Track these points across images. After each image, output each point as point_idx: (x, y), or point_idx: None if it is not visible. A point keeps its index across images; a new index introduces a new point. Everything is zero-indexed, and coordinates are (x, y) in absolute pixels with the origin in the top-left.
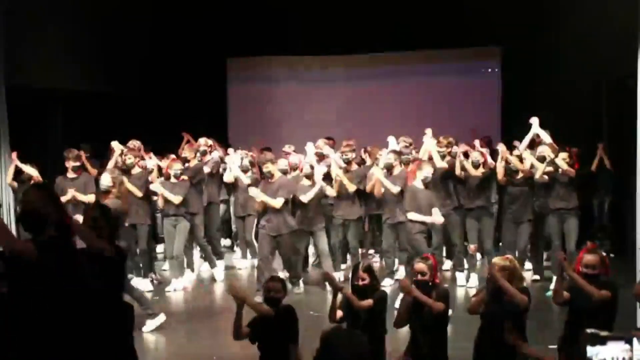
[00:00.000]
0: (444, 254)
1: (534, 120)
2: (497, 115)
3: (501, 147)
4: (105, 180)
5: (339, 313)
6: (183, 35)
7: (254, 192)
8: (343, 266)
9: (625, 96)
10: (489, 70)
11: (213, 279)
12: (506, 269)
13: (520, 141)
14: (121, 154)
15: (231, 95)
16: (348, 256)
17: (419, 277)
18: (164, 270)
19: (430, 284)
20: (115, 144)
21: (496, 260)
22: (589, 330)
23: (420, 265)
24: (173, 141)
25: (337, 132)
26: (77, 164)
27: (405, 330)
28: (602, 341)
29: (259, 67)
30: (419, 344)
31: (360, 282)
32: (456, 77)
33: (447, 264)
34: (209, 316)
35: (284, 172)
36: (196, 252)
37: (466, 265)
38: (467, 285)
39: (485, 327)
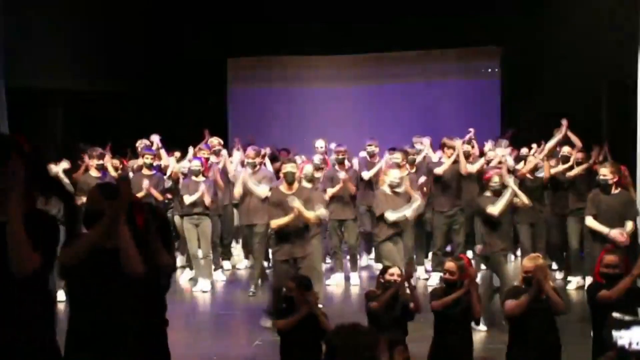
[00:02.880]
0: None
1: (564, 122)
2: (497, 115)
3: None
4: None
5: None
6: (183, 35)
7: (295, 202)
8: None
9: (625, 96)
10: (489, 70)
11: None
12: (544, 270)
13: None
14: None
15: (231, 95)
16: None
17: (447, 275)
18: None
19: (457, 284)
20: (155, 138)
21: (529, 262)
22: (614, 315)
23: (450, 264)
24: (173, 141)
25: (337, 132)
26: (101, 162)
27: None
28: (627, 325)
29: (259, 67)
30: (447, 341)
31: (395, 278)
32: (456, 77)
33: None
34: (209, 316)
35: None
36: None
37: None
38: None
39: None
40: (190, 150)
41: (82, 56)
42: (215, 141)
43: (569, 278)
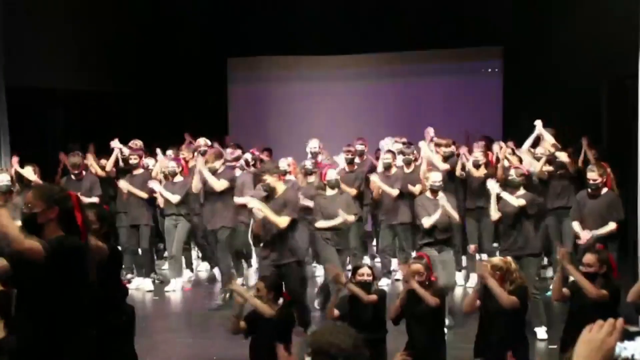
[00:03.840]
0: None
1: (538, 123)
2: (498, 115)
3: (498, 147)
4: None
5: (335, 312)
6: (184, 35)
7: (254, 203)
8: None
9: (625, 96)
10: (490, 70)
11: (212, 279)
12: (499, 269)
13: (516, 142)
14: (121, 153)
15: (232, 95)
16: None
17: (417, 277)
18: (164, 269)
19: (427, 282)
20: (115, 143)
21: (493, 260)
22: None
23: (416, 266)
24: (174, 141)
25: (337, 131)
26: (77, 162)
27: (402, 331)
28: (631, 337)
29: (259, 67)
30: (416, 339)
31: (365, 278)
32: (457, 77)
33: None
34: (208, 316)
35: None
36: (194, 252)
37: (464, 264)
38: (466, 285)
39: (484, 323)
40: (169, 152)
41: (82, 56)
42: (201, 141)
43: (552, 275)
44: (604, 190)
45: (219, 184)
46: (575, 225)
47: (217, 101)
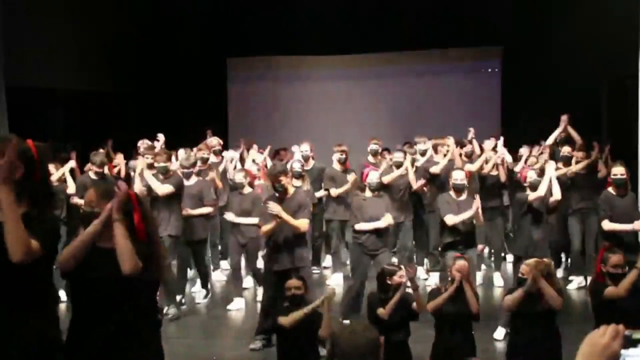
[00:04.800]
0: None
1: (564, 117)
2: (497, 114)
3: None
4: None
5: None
6: (183, 35)
7: (275, 208)
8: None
9: (625, 96)
10: (490, 70)
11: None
12: (543, 269)
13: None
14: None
15: (231, 94)
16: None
17: (462, 274)
18: None
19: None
20: (161, 138)
21: (531, 261)
22: (625, 332)
23: (461, 263)
24: (174, 141)
25: (337, 131)
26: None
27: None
28: (634, 343)
29: (259, 67)
30: (447, 341)
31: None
32: (457, 76)
33: None
34: (208, 317)
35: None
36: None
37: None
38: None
39: (520, 326)
40: (181, 151)
41: (82, 56)
42: (214, 141)
43: (570, 277)
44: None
45: (163, 189)
46: (612, 225)
47: (217, 101)
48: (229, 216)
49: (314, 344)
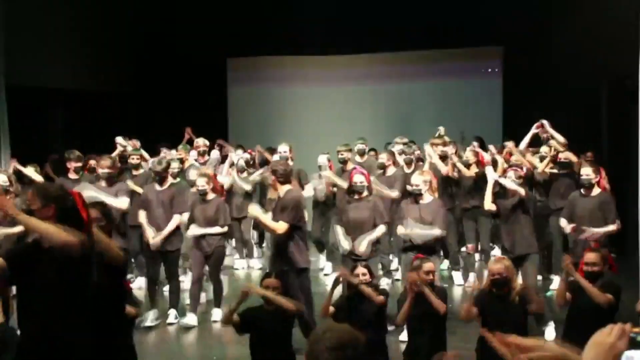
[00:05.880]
0: (441, 253)
1: (545, 122)
2: (498, 115)
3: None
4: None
5: (331, 309)
6: (183, 35)
7: (253, 211)
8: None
9: (625, 96)
10: (490, 70)
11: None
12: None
13: (516, 143)
14: (124, 151)
15: (231, 95)
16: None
17: (429, 276)
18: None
19: (432, 283)
20: (119, 140)
21: (495, 264)
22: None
23: (429, 265)
24: (173, 141)
25: (337, 132)
26: (79, 164)
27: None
28: (637, 345)
29: (259, 67)
30: (417, 342)
31: (363, 278)
32: (457, 77)
33: (444, 264)
34: (208, 316)
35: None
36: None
37: (462, 264)
38: (464, 284)
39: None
40: (164, 150)
41: (82, 56)
42: (200, 142)
43: (552, 277)
44: (597, 190)
45: (119, 203)
46: (563, 223)
47: (217, 101)
48: (192, 231)
49: (286, 342)
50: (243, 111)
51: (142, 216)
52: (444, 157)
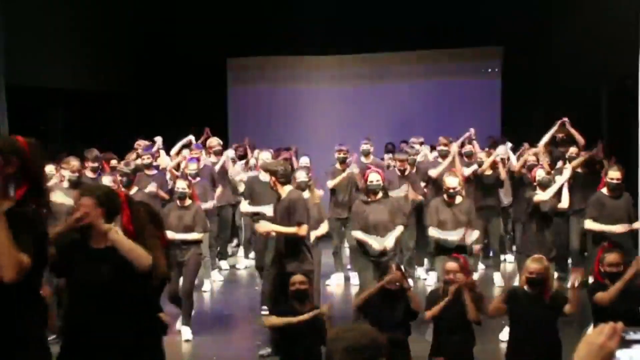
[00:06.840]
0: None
1: (567, 121)
2: (497, 115)
3: (501, 150)
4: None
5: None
6: (183, 35)
7: (264, 227)
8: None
9: (625, 96)
10: (490, 70)
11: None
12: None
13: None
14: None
15: (231, 95)
16: None
17: (452, 276)
18: None
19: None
20: (158, 140)
21: (533, 263)
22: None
23: (451, 264)
24: (173, 141)
25: (337, 132)
26: (96, 164)
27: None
28: (627, 344)
29: (259, 67)
30: (446, 342)
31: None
32: (457, 77)
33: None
34: (209, 316)
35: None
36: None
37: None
38: None
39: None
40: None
41: (83, 56)
42: (214, 142)
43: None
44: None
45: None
46: (594, 225)
47: (217, 101)
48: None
49: (316, 350)
50: (243, 111)
51: None
52: (469, 156)
